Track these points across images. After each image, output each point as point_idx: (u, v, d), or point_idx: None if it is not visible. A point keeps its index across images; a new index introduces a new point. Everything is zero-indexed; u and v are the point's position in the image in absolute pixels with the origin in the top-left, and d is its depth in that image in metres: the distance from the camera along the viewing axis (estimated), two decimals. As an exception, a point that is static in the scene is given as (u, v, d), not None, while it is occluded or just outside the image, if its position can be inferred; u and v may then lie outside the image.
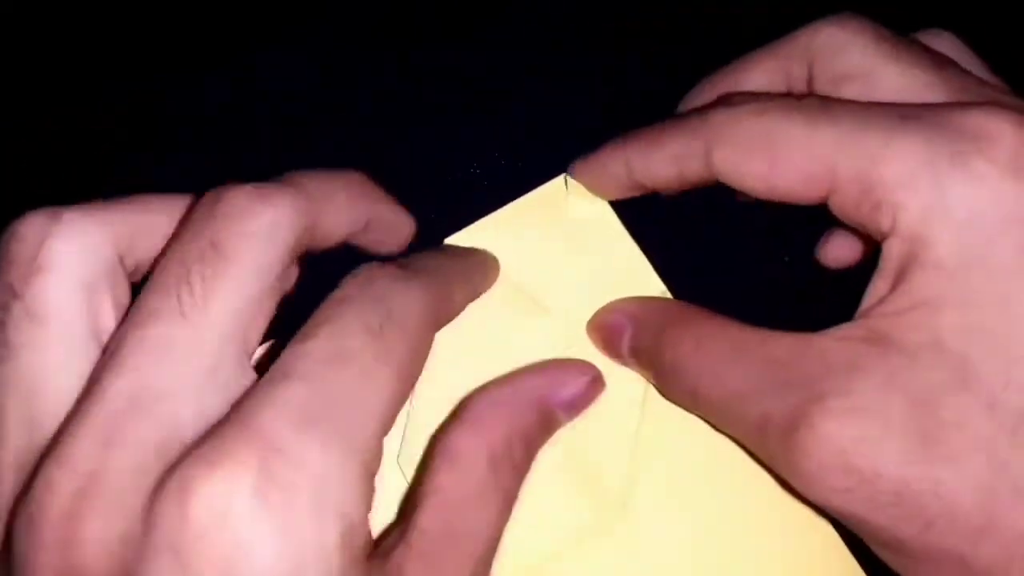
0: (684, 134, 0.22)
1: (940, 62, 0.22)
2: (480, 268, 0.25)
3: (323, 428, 0.16)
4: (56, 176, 0.30)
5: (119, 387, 0.16)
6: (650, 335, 0.23)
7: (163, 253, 0.18)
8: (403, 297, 0.19)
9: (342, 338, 0.17)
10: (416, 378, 0.19)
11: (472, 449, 0.21)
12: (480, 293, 0.25)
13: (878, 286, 0.19)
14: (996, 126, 0.18)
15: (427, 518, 0.19)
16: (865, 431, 0.18)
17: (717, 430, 0.22)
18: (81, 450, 0.16)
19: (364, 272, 0.19)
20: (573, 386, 0.23)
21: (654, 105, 0.29)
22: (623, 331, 0.24)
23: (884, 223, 0.19)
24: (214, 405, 0.17)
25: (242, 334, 0.18)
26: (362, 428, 0.17)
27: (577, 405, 0.23)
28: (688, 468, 0.23)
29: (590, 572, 0.22)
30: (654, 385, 0.24)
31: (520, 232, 0.26)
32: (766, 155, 0.20)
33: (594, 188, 0.26)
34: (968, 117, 0.19)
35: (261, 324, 0.18)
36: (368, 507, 0.17)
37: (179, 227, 0.19)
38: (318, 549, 0.16)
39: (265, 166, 0.20)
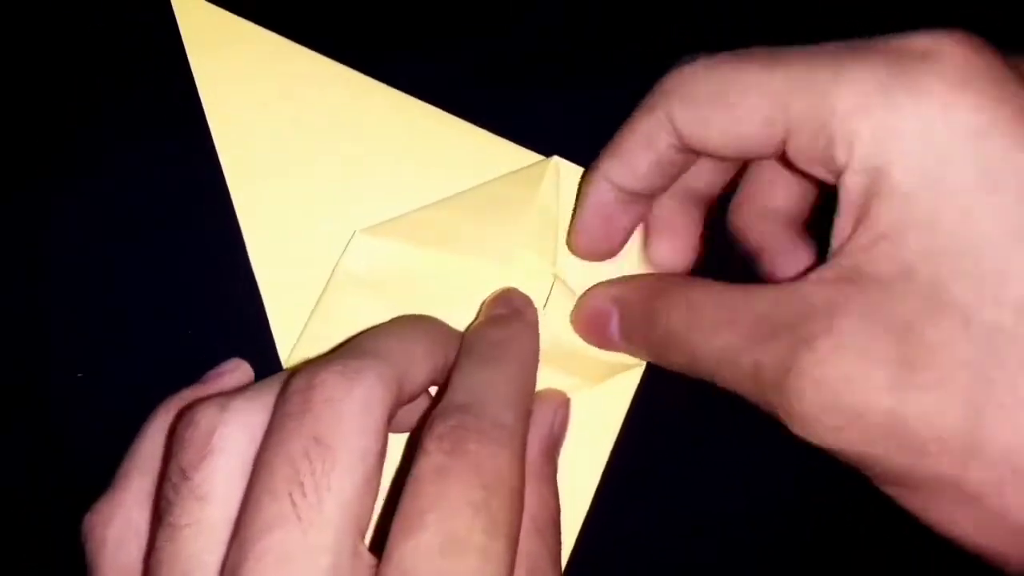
0: (644, 112, 0.23)
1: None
2: (529, 343, 0.25)
3: None
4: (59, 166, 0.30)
5: None
6: (639, 311, 0.24)
7: (264, 448, 0.19)
8: (498, 460, 0.19)
9: (450, 521, 0.17)
10: (519, 538, 0.19)
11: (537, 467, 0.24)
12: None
13: (842, 225, 0.19)
14: (940, 44, 0.18)
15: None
16: (850, 369, 0.18)
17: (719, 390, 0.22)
18: None
19: (449, 432, 0.19)
20: (563, 410, 0.26)
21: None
22: (610, 316, 0.25)
23: (840, 156, 0.19)
24: None
25: (357, 522, 0.18)
26: None
27: (566, 423, 0.26)
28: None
29: None
30: (650, 360, 0.24)
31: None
32: (725, 105, 0.21)
33: (598, 227, 0.26)
34: (914, 40, 0.19)
35: (371, 503, 0.18)
36: None
37: (275, 418, 0.19)
38: None
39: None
